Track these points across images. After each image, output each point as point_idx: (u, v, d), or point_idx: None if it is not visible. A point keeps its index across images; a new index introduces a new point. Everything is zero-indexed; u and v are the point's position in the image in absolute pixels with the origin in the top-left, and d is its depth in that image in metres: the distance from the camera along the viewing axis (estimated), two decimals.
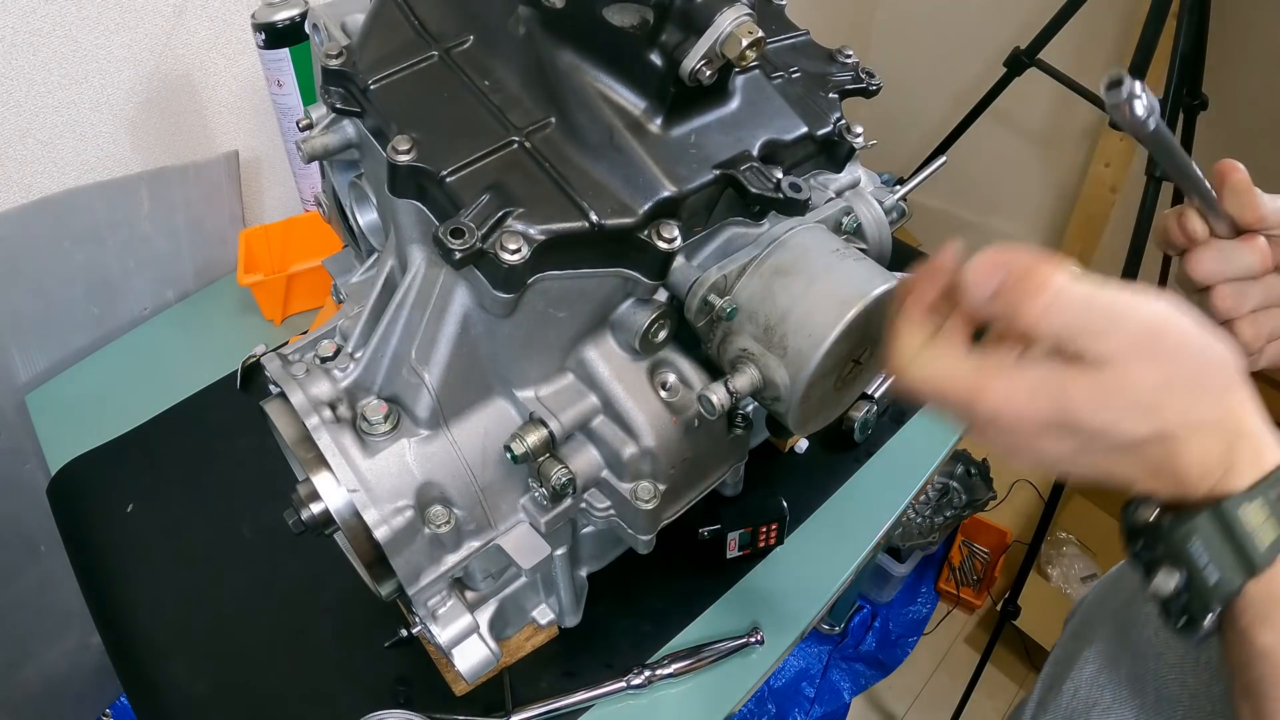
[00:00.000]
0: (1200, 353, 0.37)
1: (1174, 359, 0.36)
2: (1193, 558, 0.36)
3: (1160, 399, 0.36)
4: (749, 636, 0.73)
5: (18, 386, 0.99)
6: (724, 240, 0.56)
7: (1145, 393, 0.36)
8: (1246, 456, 0.36)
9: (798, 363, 0.49)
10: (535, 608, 0.72)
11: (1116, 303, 0.36)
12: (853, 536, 0.82)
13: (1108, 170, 1.94)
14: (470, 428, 0.56)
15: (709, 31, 0.48)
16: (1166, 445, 0.37)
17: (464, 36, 0.56)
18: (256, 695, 0.71)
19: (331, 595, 0.76)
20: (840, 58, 0.66)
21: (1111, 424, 0.36)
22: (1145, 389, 0.36)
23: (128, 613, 0.77)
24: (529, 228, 0.47)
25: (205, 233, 1.10)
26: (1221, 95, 1.49)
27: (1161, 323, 0.36)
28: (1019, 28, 1.52)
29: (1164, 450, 0.37)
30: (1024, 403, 0.37)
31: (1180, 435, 0.36)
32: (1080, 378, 0.36)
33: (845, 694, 1.60)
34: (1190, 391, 0.36)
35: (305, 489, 0.54)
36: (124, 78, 0.95)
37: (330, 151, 0.57)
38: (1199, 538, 0.36)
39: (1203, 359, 0.37)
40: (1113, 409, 0.36)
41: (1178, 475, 0.37)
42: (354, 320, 0.57)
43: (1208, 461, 0.36)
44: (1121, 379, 0.36)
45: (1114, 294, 0.36)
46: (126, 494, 0.86)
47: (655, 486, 0.57)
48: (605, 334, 0.56)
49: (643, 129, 0.52)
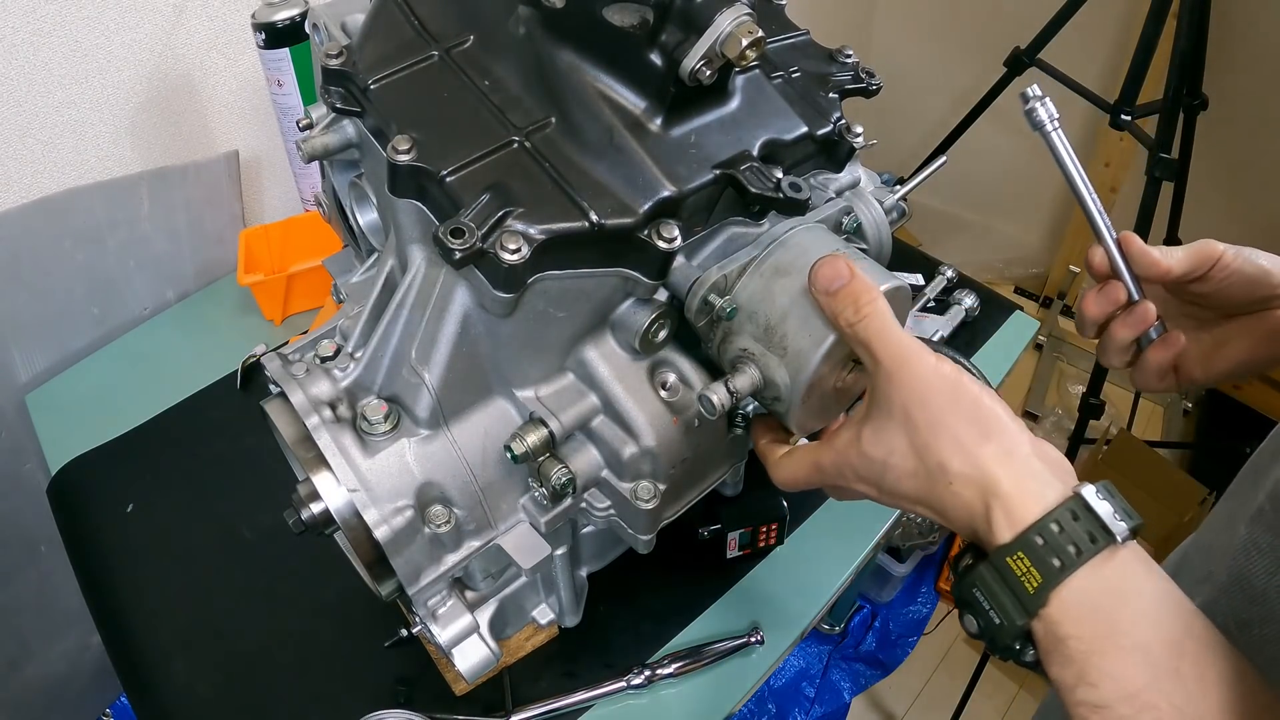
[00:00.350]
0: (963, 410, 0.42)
1: (941, 412, 0.42)
2: (978, 601, 0.41)
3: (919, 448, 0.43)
4: (749, 636, 0.73)
5: (18, 386, 0.99)
6: (724, 240, 0.56)
7: (886, 452, 0.44)
8: (1000, 515, 0.40)
9: (798, 363, 0.49)
10: (535, 607, 0.72)
11: (906, 345, 0.44)
12: (853, 536, 0.82)
13: (1108, 170, 1.94)
14: (470, 427, 0.56)
15: (709, 31, 0.48)
16: (932, 495, 0.43)
17: (464, 36, 0.56)
18: (257, 695, 0.71)
19: (332, 595, 0.76)
20: (840, 57, 0.66)
21: (849, 482, 0.47)
22: (886, 449, 0.44)
23: (128, 612, 0.77)
24: (529, 227, 0.47)
25: (205, 233, 1.10)
26: (1222, 95, 1.49)
27: (934, 375, 0.43)
28: (1019, 27, 1.52)
29: (933, 498, 0.43)
30: (790, 474, 0.52)
31: (940, 486, 0.42)
32: (823, 449, 0.48)
33: (845, 694, 1.60)
34: (949, 444, 0.42)
35: (305, 489, 0.54)
36: (124, 77, 0.95)
37: (330, 151, 0.57)
38: (979, 586, 0.41)
39: (964, 416, 0.42)
40: (847, 471, 0.47)
41: (953, 523, 0.43)
42: (354, 320, 0.57)
43: (973, 511, 0.41)
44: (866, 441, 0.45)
45: (908, 340, 0.44)
46: (127, 494, 0.86)
47: (655, 486, 0.57)
48: (605, 334, 0.56)
49: (643, 129, 0.52)
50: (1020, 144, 2.07)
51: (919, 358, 0.43)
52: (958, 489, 0.42)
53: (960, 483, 0.42)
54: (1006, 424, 0.43)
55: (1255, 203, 1.79)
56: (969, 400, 0.43)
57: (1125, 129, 1.42)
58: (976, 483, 0.41)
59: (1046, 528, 0.39)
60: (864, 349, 0.45)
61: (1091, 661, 0.37)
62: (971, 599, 0.41)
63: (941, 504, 0.43)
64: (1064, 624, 0.38)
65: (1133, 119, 1.41)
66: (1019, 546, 0.39)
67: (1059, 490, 0.40)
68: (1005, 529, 0.40)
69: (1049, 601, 0.38)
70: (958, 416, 0.42)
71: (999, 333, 1.03)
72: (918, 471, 0.43)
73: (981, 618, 0.41)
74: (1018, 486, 0.41)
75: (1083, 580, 0.38)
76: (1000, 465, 0.41)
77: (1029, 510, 0.40)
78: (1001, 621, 0.40)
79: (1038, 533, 0.39)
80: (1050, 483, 0.41)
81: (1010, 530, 0.40)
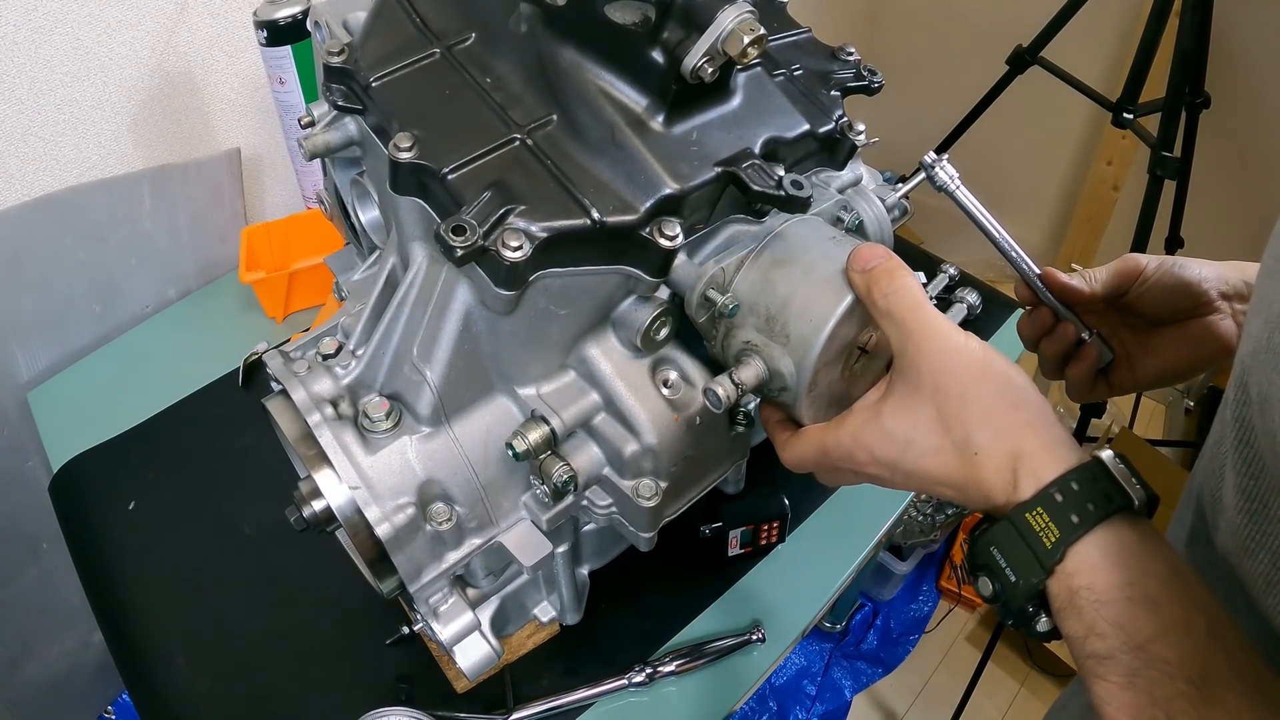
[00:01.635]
0: (993, 382, 0.43)
1: (971, 384, 0.43)
2: (995, 560, 0.42)
3: (948, 418, 0.43)
4: (750, 634, 0.73)
5: (20, 384, 1.00)
6: (725, 238, 0.56)
7: (910, 425, 0.44)
8: (1026, 473, 0.41)
9: (801, 349, 0.49)
10: (537, 605, 0.72)
11: (938, 319, 0.44)
12: (854, 534, 0.82)
13: (1110, 168, 1.94)
14: (472, 425, 0.56)
15: (710, 29, 0.47)
16: (956, 470, 0.44)
17: (466, 34, 0.56)
18: (258, 693, 0.71)
19: (333, 592, 0.76)
20: (842, 55, 0.66)
21: (859, 465, 0.47)
22: (910, 423, 0.44)
23: (129, 610, 0.77)
24: (530, 225, 0.47)
25: (207, 230, 1.10)
26: (1224, 93, 1.49)
27: (964, 350, 0.44)
28: (1021, 26, 1.52)
29: (956, 473, 0.44)
30: (798, 454, 0.51)
31: (966, 458, 0.43)
32: (832, 431, 0.48)
33: (847, 692, 1.60)
34: (978, 415, 0.43)
35: (307, 486, 0.54)
36: (126, 75, 0.95)
37: (332, 149, 0.57)
38: (996, 544, 0.41)
39: (993, 387, 0.43)
40: (859, 454, 0.47)
41: (971, 498, 0.43)
42: (356, 318, 0.57)
43: (999, 477, 0.42)
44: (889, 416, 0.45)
45: (939, 315, 0.45)
46: (128, 491, 0.86)
47: (657, 484, 0.57)
48: (607, 331, 0.56)
49: (644, 126, 0.52)
50: (1022, 143, 2.07)
51: (950, 333, 0.44)
52: (983, 459, 0.42)
53: (986, 452, 0.42)
54: (1034, 396, 0.43)
55: (1257, 200, 1.79)
56: (998, 374, 0.43)
57: (1127, 127, 1.41)
58: (1005, 450, 0.42)
59: (1067, 485, 0.40)
60: (894, 322, 0.45)
61: (1101, 613, 0.37)
62: (989, 559, 0.42)
63: (965, 478, 0.43)
64: (1078, 576, 0.38)
65: (1135, 117, 1.40)
66: (1038, 502, 0.40)
67: (1080, 455, 0.41)
68: (1029, 485, 0.41)
69: (1066, 556, 0.39)
70: (988, 388, 0.43)
71: (1001, 330, 1.04)
72: (941, 447, 0.44)
73: (998, 578, 0.41)
74: (1043, 448, 0.41)
75: (1099, 536, 0.38)
76: (1028, 431, 0.42)
77: (1051, 469, 0.41)
78: (1018, 580, 0.40)
79: (1058, 489, 0.40)
80: (1073, 447, 0.42)
81: (1033, 486, 0.40)
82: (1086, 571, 0.38)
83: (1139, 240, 1.35)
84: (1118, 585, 0.37)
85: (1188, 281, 0.56)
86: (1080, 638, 0.38)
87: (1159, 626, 0.36)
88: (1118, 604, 0.37)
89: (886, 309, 0.45)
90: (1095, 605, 0.37)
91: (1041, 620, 0.41)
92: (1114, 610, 0.37)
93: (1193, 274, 0.56)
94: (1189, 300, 0.56)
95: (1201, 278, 0.56)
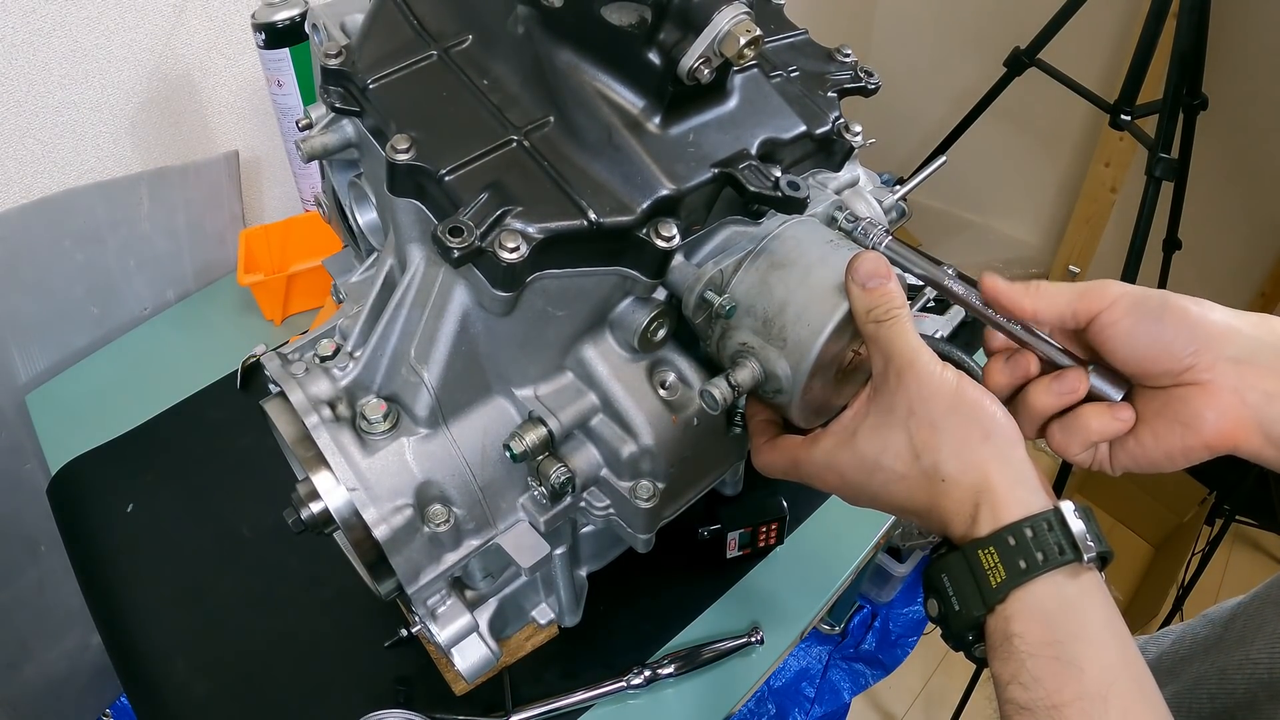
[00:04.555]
0: (964, 412, 0.43)
1: (942, 413, 0.44)
2: (944, 586, 0.43)
3: (918, 445, 0.44)
4: (749, 636, 0.73)
5: (18, 386, 1.00)
6: (723, 239, 0.56)
7: (880, 449, 0.45)
8: (986, 509, 0.42)
9: (798, 353, 0.49)
10: (535, 607, 0.72)
11: (918, 349, 0.45)
12: (852, 536, 0.82)
13: (1108, 170, 1.94)
14: (469, 426, 0.56)
15: (707, 30, 0.48)
16: (921, 496, 0.44)
17: (463, 36, 0.56)
18: (256, 695, 0.71)
19: (331, 594, 0.76)
20: (839, 56, 0.66)
21: (826, 485, 0.49)
22: (880, 447, 0.45)
23: (128, 612, 0.77)
24: (527, 226, 0.47)
25: (205, 233, 1.10)
26: (1222, 95, 1.49)
27: (939, 379, 0.44)
28: (1019, 27, 1.52)
29: (921, 499, 0.45)
30: (770, 461, 0.53)
31: (934, 485, 0.44)
32: (806, 448, 0.49)
33: (845, 694, 1.60)
34: (948, 444, 0.43)
35: (305, 488, 0.54)
36: (124, 78, 0.95)
37: (330, 151, 0.57)
38: (948, 572, 0.43)
39: (963, 418, 0.43)
40: (829, 475, 0.49)
41: (932, 523, 0.45)
42: (353, 319, 0.57)
43: (960, 508, 0.43)
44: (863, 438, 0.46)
45: (921, 345, 0.45)
46: (126, 494, 0.86)
47: (654, 485, 0.57)
48: (604, 333, 0.56)
49: (641, 128, 0.52)
50: (1020, 144, 2.08)
51: (929, 363, 0.45)
52: (949, 488, 0.43)
53: (952, 482, 0.43)
54: (1005, 428, 0.44)
55: (1255, 202, 1.79)
56: (970, 403, 0.44)
57: (1125, 129, 1.42)
58: (970, 483, 0.43)
59: (1021, 531, 0.41)
60: (880, 348, 0.46)
61: (1027, 664, 0.39)
62: (939, 584, 0.44)
63: (929, 504, 0.44)
64: (1014, 622, 0.40)
65: (1133, 119, 1.41)
66: (991, 542, 0.41)
67: (1043, 501, 0.42)
68: (987, 523, 0.42)
69: (1007, 599, 0.40)
70: (960, 418, 0.44)
71: None
72: (908, 474, 0.45)
73: (944, 603, 0.43)
74: (1008, 488, 0.42)
75: (1042, 587, 0.40)
76: (996, 465, 0.43)
77: (1011, 511, 0.42)
78: (960, 609, 0.42)
79: (1012, 533, 0.41)
80: (1037, 491, 0.43)
81: (990, 525, 0.42)
82: (1022, 619, 0.40)
83: (1136, 242, 1.35)
84: (1046, 642, 0.39)
85: (1171, 330, 0.43)
86: (1005, 681, 0.40)
87: (1076, 692, 0.37)
88: (1044, 660, 0.38)
89: (874, 334, 0.46)
90: (1023, 654, 0.39)
91: (979, 648, 0.43)
92: (1039, 665, 0.38)
93: (1182, 322, 0.43)
94: (1169, 361, 0.43)
95: (1197, 331, 0.43)
